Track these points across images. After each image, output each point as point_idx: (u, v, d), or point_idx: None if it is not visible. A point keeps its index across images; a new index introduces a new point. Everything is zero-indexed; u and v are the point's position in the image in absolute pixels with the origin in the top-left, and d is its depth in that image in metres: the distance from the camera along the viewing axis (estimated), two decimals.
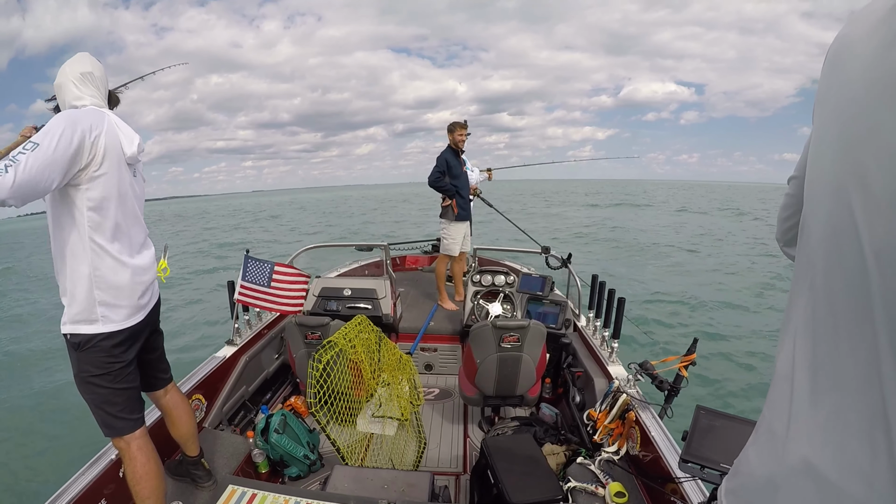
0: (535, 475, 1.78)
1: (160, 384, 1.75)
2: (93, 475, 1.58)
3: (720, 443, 1.13)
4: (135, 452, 1.50)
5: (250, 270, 2.71)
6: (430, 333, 3.50)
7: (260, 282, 2.70)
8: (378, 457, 2.27)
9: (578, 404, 2.53)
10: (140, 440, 1.52)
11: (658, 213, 28.93)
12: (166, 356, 1.78)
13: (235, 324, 2.74)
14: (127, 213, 1.45)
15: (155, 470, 1.54)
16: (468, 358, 2.47)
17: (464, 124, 3.81)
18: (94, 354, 1.41)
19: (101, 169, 1.35)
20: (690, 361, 1.99)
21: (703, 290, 9.36)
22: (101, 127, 1.36)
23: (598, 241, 16.13)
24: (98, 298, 1.39)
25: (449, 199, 3.84)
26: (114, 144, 1.39)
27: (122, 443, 1.50)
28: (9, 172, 1.13)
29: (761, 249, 14.05)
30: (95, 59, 1.48)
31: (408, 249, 5.57)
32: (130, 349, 1.50)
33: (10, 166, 1.14)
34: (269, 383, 3.02)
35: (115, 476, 1.66)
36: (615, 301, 2.65)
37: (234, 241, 19.43)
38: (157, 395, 1.76)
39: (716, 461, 1.10)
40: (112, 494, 1.63)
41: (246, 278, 2.70)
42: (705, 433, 1.15)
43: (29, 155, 1.18)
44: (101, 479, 1.60)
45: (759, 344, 6.54)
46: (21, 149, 1.19)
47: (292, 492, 1.46)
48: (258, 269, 2.70)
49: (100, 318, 1.40)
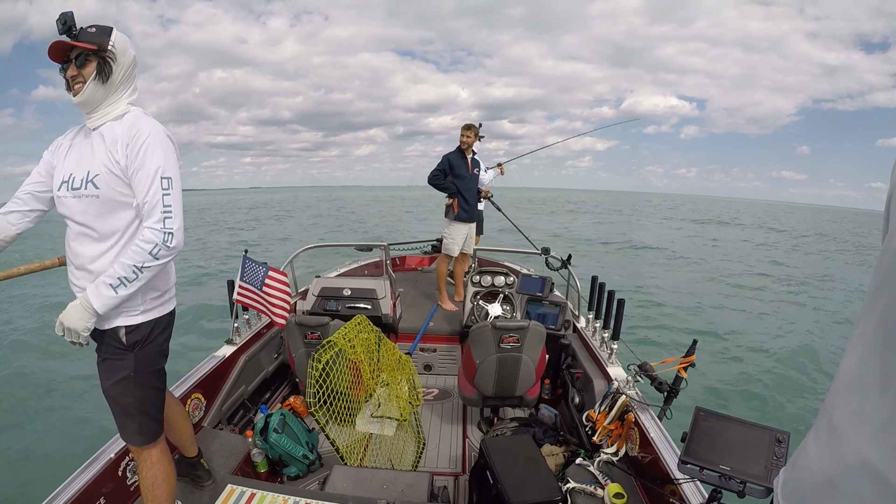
0: (534, 476, 1.78)
1: None
2: (92, 474, 1.57)
3: (719, 444, 1.13)
4: (159, 456, 1.47)
5: (248, 271, 2.70)
6: (430, 334, 3.50)
7: (255, 283, 2.69)
8: (377, 457, 2.27)
9: (578, 405, 2.53)
10: (163, 443, 1.50)
11: (756, 234, 27.00)
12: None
13: (235, 323, 2.74)
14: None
15: (174, 473, 1.53)
16: (468, 358, 2.47)
17: (470, 126, 3.84)
18: (151, 349, 1.39)
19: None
20: (690, 363, 2.00)
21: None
22: None
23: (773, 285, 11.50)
24: (173, 280, 1.47)
25: (451, 198, 3.85)
26: None
27: (152, 448, 1.45)
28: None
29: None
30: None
31: (408, 250, 5.57)
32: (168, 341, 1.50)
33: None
34: (269, 383, 3.02)
35: (114, 475, 1.65)
36: (615, 302, 2.65)
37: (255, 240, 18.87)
38: None
39: (715, 462, 1.10)
40: (111, 493, 1.63)
41: (244, 278, 2.70)
42: (705, 434, 1.16)
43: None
44: (100, 479, 1.59)
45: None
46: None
47: (291, 491, 1.46)
48: (254, 270, 2.69)
49: (165, 301, 1.43)
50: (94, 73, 1.28)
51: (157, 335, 1.41)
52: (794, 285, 11.83)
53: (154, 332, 1.40)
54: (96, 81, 1.28)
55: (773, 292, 10.81)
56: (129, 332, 1.35)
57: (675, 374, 2.01)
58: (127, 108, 1.35)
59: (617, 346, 2.59)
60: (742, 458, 1.10)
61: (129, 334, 1.35)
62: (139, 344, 1.36)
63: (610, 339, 2.63)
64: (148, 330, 1.38)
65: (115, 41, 1.30)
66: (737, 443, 1.13)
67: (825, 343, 7.21)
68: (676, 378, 2.01)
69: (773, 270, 13.92)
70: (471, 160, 3.93)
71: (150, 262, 1.26)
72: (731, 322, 8.11)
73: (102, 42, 1.28)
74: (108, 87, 1.31)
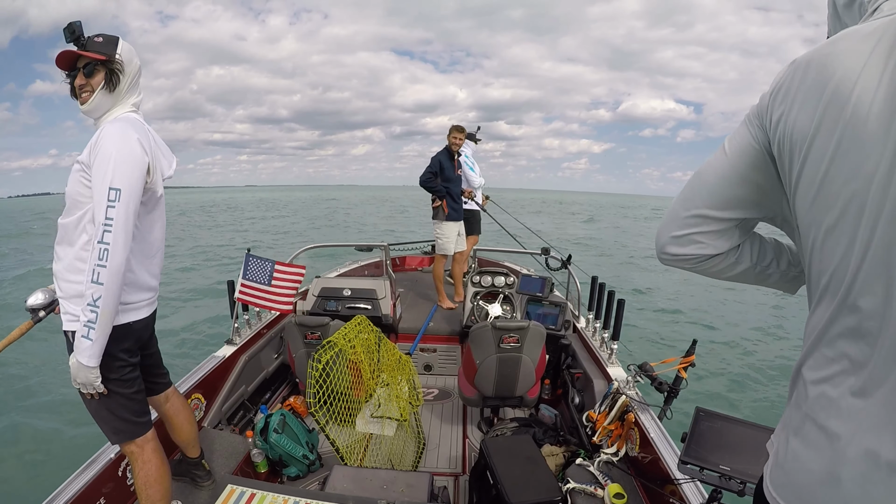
0: (534, 476, 1.78)
1: (159, 388, 1.72)
2: (91, 474, 1.57)
3: (720, 444, 1.13)
4: (150, 455, 1.47)
5: (251, 269, 2.71)
6: (430, 334, 3.50)
7: (261, 280, 2.71)
8: (377, 457, 2.27)
9: (578, 405, 2.53)
10: (154, 442, 1.50)
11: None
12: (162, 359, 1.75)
13: (235, 323, 2.74)
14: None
15: (167, 472, 1.52)
16: (468, 359, 2.47)
17: (461, 128, 3.89)
18: (104, 359, 1.36)
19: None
20: (690, 363, 2.00)
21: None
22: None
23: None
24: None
25: (440, 199, 3.87)
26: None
27: (133, 447, 1.46)
28: None
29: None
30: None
31: (407, 250, 5.57)
32: (135, 353, 1.47)
33: None
34: (269, 383, 3.02)
35: (114, 475, 1.65)
36: (615, 302, 2.65)
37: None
38: (157, 401, 1.72)
39: (715, 463, 1.10)
40: (111, 493, 1.63)
41: (247, 277, 2.71)
42: (704, 435, 1.16)
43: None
44: (100, 479, 1.59)
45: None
46: None
47: (291, 492, 1.46)
48: (259, 267, 2.71)
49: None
50: (101, 82, 1.31)
51: (109, 345, 1.35)
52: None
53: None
54: (104, 91, 1.32)
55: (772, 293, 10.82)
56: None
57: (675, 374, 2.01)
58: (121, 113, 1.36)
59: (617, 347, 2.59)
60: (742, 458, 1.10)
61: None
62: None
63: (610, 340, 2.63)
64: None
65: (121, 51, 1.33)
66: (737, 443, 1.13)
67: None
68: (676, 378, 2.01)
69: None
70: (456, 161, 3.98)
71: (98, 290, 1.22)
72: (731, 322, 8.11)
73: (111, 53, 1.31)
74: (114, 95, 1.34)
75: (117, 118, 1.34)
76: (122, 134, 1.28)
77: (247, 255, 2.74)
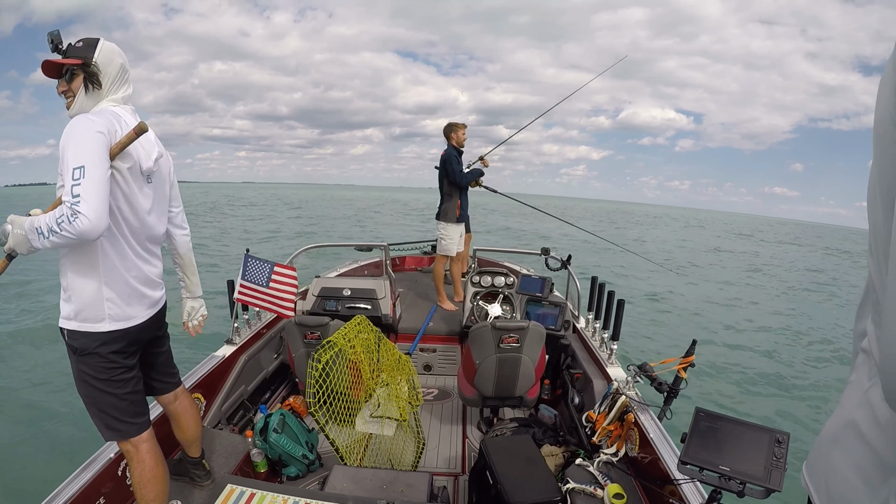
0: (533, 476, 1.78)
1: (168, 388, 1.72)
2: (91, 474, 1.57)
3: (719, 445, 1.13)
4: (144, 456, 1.48)
5: (250, 270, 2.71)
6: (430, 334, 3.50)
7: (259, 281, 2.70)
8: (377, 457, 2.27)
9: (577, 405, 2.53)
10: (149, 443, 1.50)
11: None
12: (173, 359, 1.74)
13: (235, 323, 2.74)
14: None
15: (163, 473, 1.52)
16: (467, 359, 2.47)
17: (465, 124, 3.86)
18: (94, 360, 1.38)
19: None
20: (689, 363, 2.00)
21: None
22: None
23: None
24: (106, 296, 1.37)
25: (459, 198, 3.86)
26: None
27: (128, 446, 1.47)
28: None
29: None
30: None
31: (407, 250, 5.57)
32: (132, 355, 1.47)
33: None
34: (268, 383, 3.02)
35: (113, 475, 1.65)
36: (615, 303, 2.65)
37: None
38: (165, 400, 1.73)
39: (715, 463, 1.10)
40: (110, 493, 1.62)
41: (245, 277, 2.70)
42: (704, 435, 1.15)
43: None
44: (100, 478, 1.59)
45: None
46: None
47: (291, 491, 1.45)
48: (258, 268, 2.70)
49: (106, 316, 1.38)
50: (80, 86, 1.35)
51: (99, 347, 1.38)
52: (794, 289, 11.84)
53: (93, 343, 1.37)
54: (85, 93, 1.35)
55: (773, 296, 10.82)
56: (70, 336, 1.38)
57: (674, 374, 2.01)
58: (98, 108, 1.37)
59: (616, 347, 2.59)
60: (742, 458, 1.10)
61: (70, 339, 1.38)
62: (79, 351, 1.37)
63: (610, 340, 2.63)
64: (88, 341, 1.37)
65: (99, 53, 1.35)
66: (736, 443, 1.13)
67: (825, 342, 7.21)
68: (676, 378, 2.01)
69: (774, 272, 13.93)
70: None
71: (55, 228, 1.20)
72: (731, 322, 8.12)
73: (87, 56, 1.33)
74: (97, 95, 1.37)
75: (85, 114, 1.34)
76: (80, 120, 1.27)
77: (245, 256, 2.74)
